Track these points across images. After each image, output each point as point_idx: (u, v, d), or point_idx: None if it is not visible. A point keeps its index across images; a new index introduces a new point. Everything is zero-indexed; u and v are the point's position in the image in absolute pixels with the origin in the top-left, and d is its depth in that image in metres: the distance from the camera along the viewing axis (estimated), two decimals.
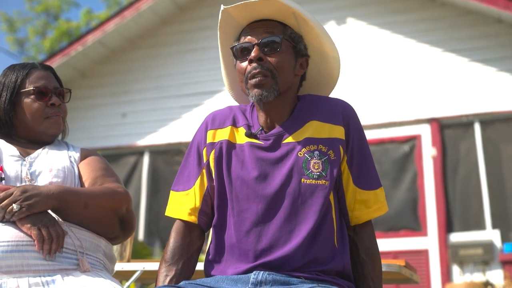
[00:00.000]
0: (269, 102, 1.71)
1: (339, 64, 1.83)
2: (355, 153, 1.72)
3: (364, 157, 1.74)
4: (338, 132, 1.70)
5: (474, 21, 7.17)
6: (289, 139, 1.71)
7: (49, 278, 1.61)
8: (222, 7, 1.74)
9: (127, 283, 2.84)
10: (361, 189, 1.72)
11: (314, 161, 1.67)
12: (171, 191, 1.82)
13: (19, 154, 1.87)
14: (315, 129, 1.71)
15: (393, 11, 7.51)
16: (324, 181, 1.66)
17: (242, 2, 1.71)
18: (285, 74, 1.71)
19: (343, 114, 1.73)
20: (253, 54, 1.69)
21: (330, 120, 1.72)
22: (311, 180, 1.66)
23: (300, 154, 1.68)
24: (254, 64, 1.69)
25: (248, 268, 1.63)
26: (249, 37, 1.73)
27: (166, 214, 1.81)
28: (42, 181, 1.80)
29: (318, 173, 1.66)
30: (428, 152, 6.93)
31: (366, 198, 1.72)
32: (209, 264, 1.74)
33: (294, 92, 1.78)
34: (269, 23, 1.75)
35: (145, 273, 2.80)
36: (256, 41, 1.71)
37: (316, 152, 1.68)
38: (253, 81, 1.69)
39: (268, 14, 1.74)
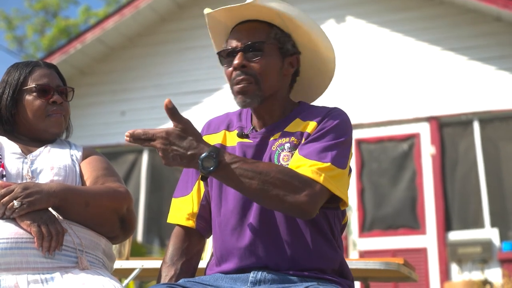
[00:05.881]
0: (258, 105, 1.71)
1: (334, 57, 1.81)
2: (314, 134, 1.64)
3: (320, 137, 1.63)
4: (310, 127, 1.68)
5: (473, 19, 7.17)
6: (275, 136, 1.70)
7: (48, 276, 1.60)
8: (205, 11, 1.74)
9: (126, 281, 2.84)
10: (300, 155, 1.61)
11: (284, 153, 1.66)
12: (172, 199, 1.84)
13: (20, 151, 1.87)
14: (294, 125, 1.71)
15: (392, 9, 7.51)
16: None
17: (224, 6, 1.69)
18: (270, 78, 1.70)
19: (326, 114, 1.69)
20: (236, 61, 1.68)
21: (310, 118, 1.70)
22: None
23: (274, 148, 1.68)
24: (237, 71, 1.68)
25: (236, 268, 1.63)
26: (234, 41, 1.72)
27: (167, 221, 1.83)
28: (43, 179, 1.80)
29: (286, 166, 1.62)
30: (427, 151, 6.94)
31: (302, 163, 1.58)
32: (207, 266, 1.77)
33: (284, 92, 1.77)
34: (254, 25, 1.73)
35: (143, 271, 2.81)
36: (240, 47, 1.69)
37: (287, 145, 1.67)
38: (236, 87, 1.69)
39: (253, 15, 1.72)
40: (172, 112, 1.47)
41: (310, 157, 1.58)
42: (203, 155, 1.44)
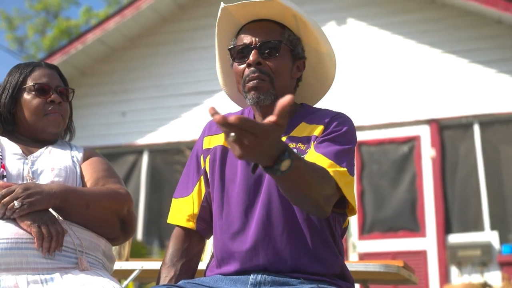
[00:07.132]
0: (265, 105, 1.69)
1: (335, 65, 1.81)
2: (325, 136, 1.64)
3: (333, 139, 1.63)
4: (317, 130, 1.67)
5: (474, 22, 7.17)
6: None
7: (48, 276, 1.60)
8: (222, 4, 1.72)
9: (126, 282, 2.84)
10: (318, 152, 1.60)
11: None
12: (172, 199, 1.83)
13: (21, 152, 1.88)
14: (300, 129, 1.70)
15: (393, 12, 7.52)
16: None
17: (243, 1, 1.68)
18: (282, 78, 1.69)
19: (331, 118, 1.69)
20: (251, 58, 1.67)
21: (316, 122, 1.69)
22: None
23: None
24: (252, 68, 1.67)
25: (236, 270, 1.63)
26: (247, 38, 1.70)
27: (168, 221, 1.82)
28: (44, 180, 1.80)
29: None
30: (427, 153, 6.93)
31: (321, 161, 1.57)
32: (207, 268, 1.76)
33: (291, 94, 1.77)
34: (268, 24, 1.72)
35: (143, 272, 2.81)
36: (255, 44, 1.69)
37: (294, 150, 1.66)
38: (250, 83, 1.67)
39: (268, 14, 1.71)
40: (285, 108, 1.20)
41: (328, 157, 1.57)
42: (285, 155, 1.27)
